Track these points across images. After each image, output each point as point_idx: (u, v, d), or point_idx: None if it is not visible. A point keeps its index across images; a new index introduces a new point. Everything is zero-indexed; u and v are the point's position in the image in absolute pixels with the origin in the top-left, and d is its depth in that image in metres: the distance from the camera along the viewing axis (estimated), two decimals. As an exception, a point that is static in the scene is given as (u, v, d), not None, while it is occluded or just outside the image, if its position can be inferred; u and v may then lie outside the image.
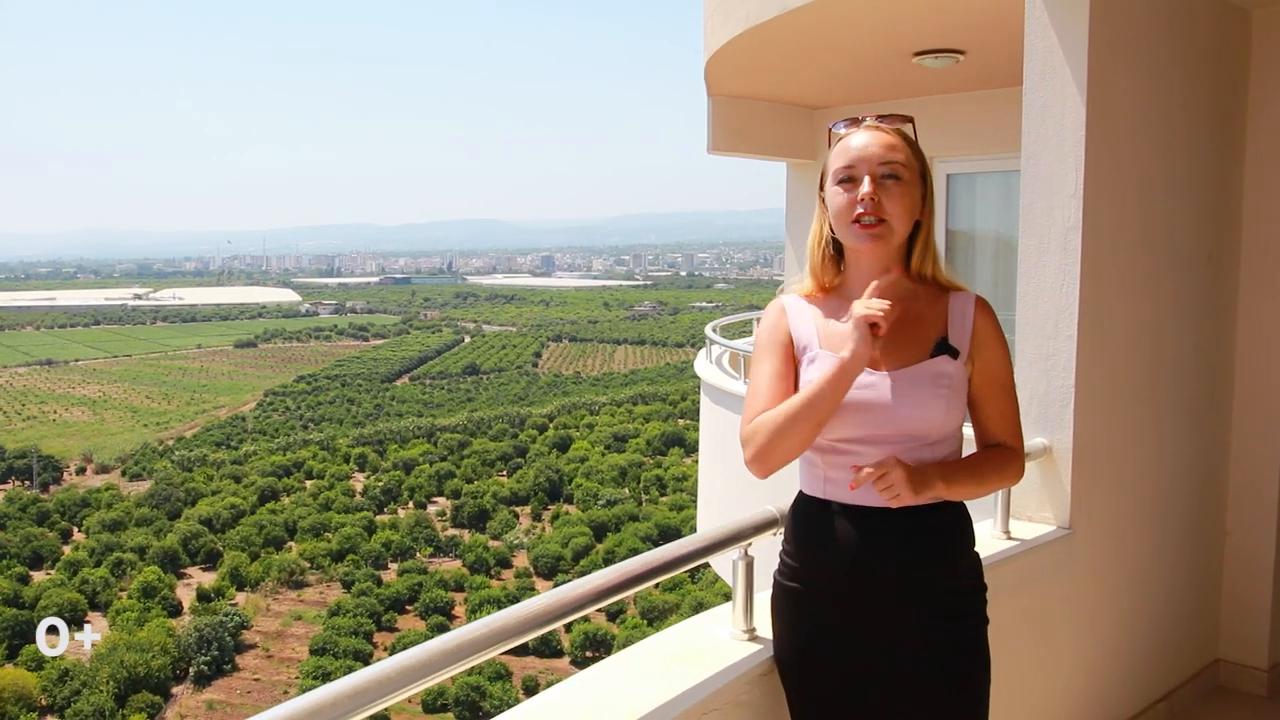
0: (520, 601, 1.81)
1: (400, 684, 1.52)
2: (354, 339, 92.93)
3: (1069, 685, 3.51)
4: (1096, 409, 3.42)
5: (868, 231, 2.01)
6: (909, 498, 1.93)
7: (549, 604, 1.85)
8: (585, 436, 58.81)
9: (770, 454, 2.00)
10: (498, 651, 1.74)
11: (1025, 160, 3.39)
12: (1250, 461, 4.30)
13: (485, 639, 1.72)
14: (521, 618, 1.77)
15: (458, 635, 1.63)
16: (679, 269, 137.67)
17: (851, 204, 2.02)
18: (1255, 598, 4.30)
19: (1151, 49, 3.63)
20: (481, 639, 1.72)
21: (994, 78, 7.21)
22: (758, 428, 2.01)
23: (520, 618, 1.77)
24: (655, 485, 50.58)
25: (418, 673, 1.55)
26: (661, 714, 2.04)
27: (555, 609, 1.84)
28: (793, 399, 1.98)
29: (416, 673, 1.55)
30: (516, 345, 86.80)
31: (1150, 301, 3.73)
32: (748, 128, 8.72)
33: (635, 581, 2.05)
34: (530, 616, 1.81)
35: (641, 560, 2.11)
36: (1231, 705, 4.17)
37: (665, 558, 2.15)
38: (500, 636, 1.71)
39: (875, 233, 2.01)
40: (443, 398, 70.94)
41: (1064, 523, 3.36)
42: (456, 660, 1.61)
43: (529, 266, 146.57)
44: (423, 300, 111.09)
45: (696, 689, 2.13)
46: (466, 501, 49.18)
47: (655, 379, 74.47)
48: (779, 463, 2.02)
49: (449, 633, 1.65)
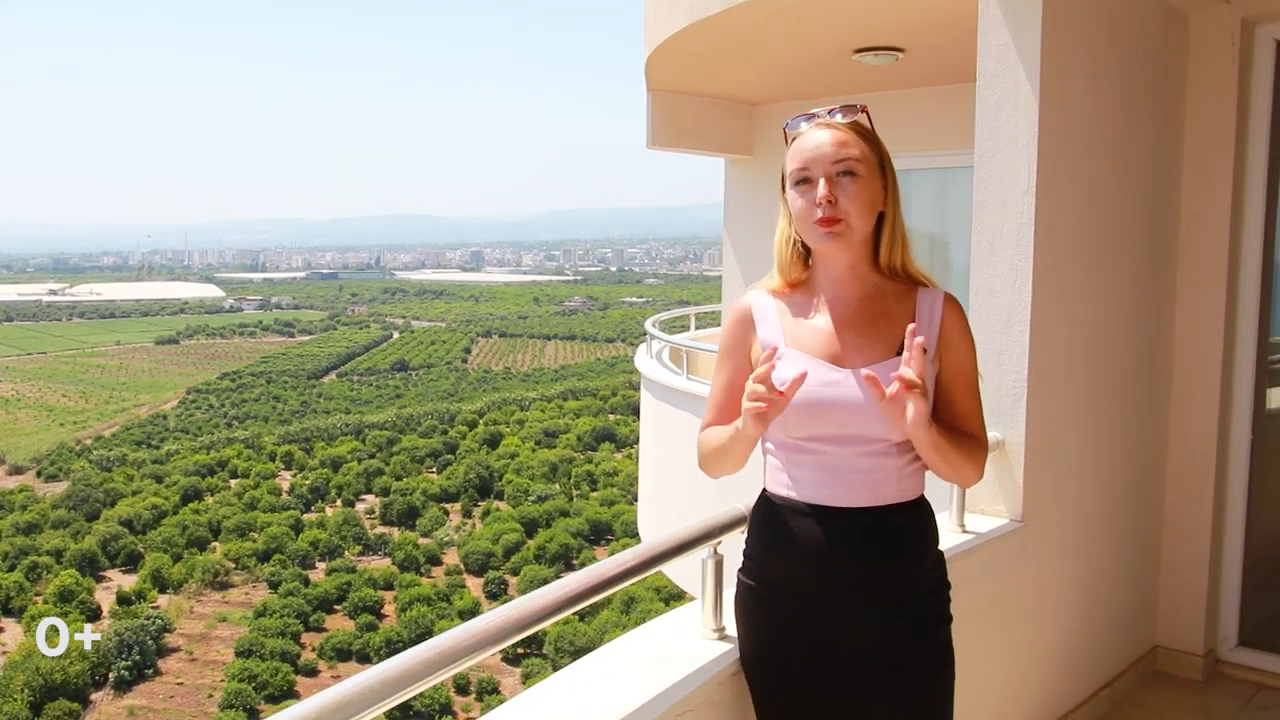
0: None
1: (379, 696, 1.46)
2: (280, 335, 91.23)
3: (1020, 677, 3.55)
4: (1047, 403, 3.46)
5: (827, 231, 1.99)
6: (910, 415, 1.87)
7: (523, 612, 1.80)
8: (516, 432, 58.48)
9: (710, 470, 2.14)
10: (469, 663, 1.69)
11: (978, 157, 3.41)
12: (1187, 453, 4.40)
13: (452, 652, 1.68)
14: (498, 624, 1.71)
15: (438, 643, 1.58)
16: (609, 264, 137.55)
17: (810, 206, 2.00)
18: (1192, 586, 4.40)
19: (1100, 49, 3.68)
20: (449, 651, 1.67)
21: (933, 76, 7.29)
22: (700, 445, 2.15)
23: (496, 625, 1.72)
24: (586, 481, 50.50)
25: (397, 684, 1.49)
26: (637, 718, 2.00)
27: (534, 614, 1.79)
28: (716, 435, 2.08)
29: (396, 685, 1.49)
30: (446, 341, 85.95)
31: (1096, 297, 3.79)
32: (687, 123, 8.72)
33: (611, 583, 2.02)
34: (501, 626, 1.76)
35: (617, 560, 2.08)
36: (1169, 690, 4.27)
37: (639, 558, 2.12)
38: (478, 644, 1.66)
39: (835, 231, 1.99)
40: (371, 394, 70.00)
41: (1016, 515, 3.40)
42: (438, 668, 1.56)
43: (458, 262, 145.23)
44: (350, 296, 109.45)
45: (670, 691, 2.10)
46: (396, 499, 48.60)
47: (586, 374, 74.30)
48: (721, 475, 2.14)
49: (421, 644, 1.60)
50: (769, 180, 9.26)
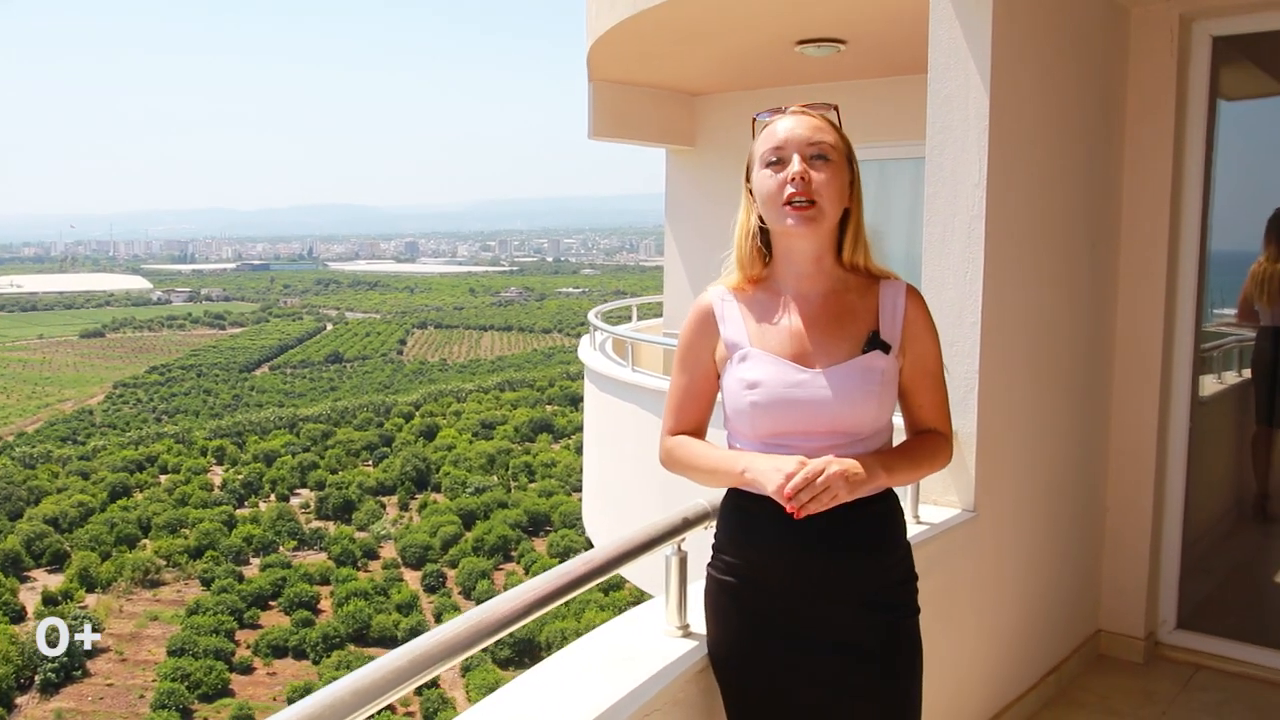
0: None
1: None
2: (210, 327, 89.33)
3: (970, 666, 3.59)
4: (998, 394, 3.50)
5: (799, 214, 1.98)
6: (846, 496, 1.91)
7: (494, 615, 1.77)
8: (452, 424, 57.99)
9: (678, 474, 2.15)
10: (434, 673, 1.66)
11: (930, 150, 3.43)
12: (1128, 440, 4.49)
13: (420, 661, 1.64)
14: (469, 629, 1.68)
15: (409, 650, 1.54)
16: (545, 255, 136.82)
17: (781, 185, 1.99)
18: (1133, 571, 4.50)
19: (1046, 44, 3.72)
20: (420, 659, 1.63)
21: (874, 68, 7.36)
22: (673, 456, 2.14)
23: (467, 630, 1.68)
24: (524, 472, 50.27)
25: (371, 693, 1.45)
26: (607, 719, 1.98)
27: (504, 617, 1.77)
28: (703, 458, 2.08)
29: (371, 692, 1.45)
30: (381, 332, 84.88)
31: (1044, 289, 3.85)
32: (628, 113, 8.70)
33: (580, 582, 2.00)
34: (474, 630, 1.73)
35: (584, 559, 2.06)
36: (1112, 673, 4.36)
37: (607, 556, 2.11)
38: (448, 651, 1.62)
39: (807, 214, 1.99)
40: (305, 387, 68.91)
41: (969, 505, 3.43)
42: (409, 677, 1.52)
43: (393, 252, 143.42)
44: (282, 287, 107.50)
45: (637, 692, 2.08)
46: (331, 493, 47.94)
47: (522, 365, 73.90)
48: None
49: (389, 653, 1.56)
50: (710, 170, 9.31)
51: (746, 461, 1.99)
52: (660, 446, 2.17)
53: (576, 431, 55.01)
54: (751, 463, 1.98)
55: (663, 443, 2.17)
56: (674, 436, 2.15)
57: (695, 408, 2.16)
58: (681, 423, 2.15)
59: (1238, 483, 5.28)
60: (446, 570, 41.30)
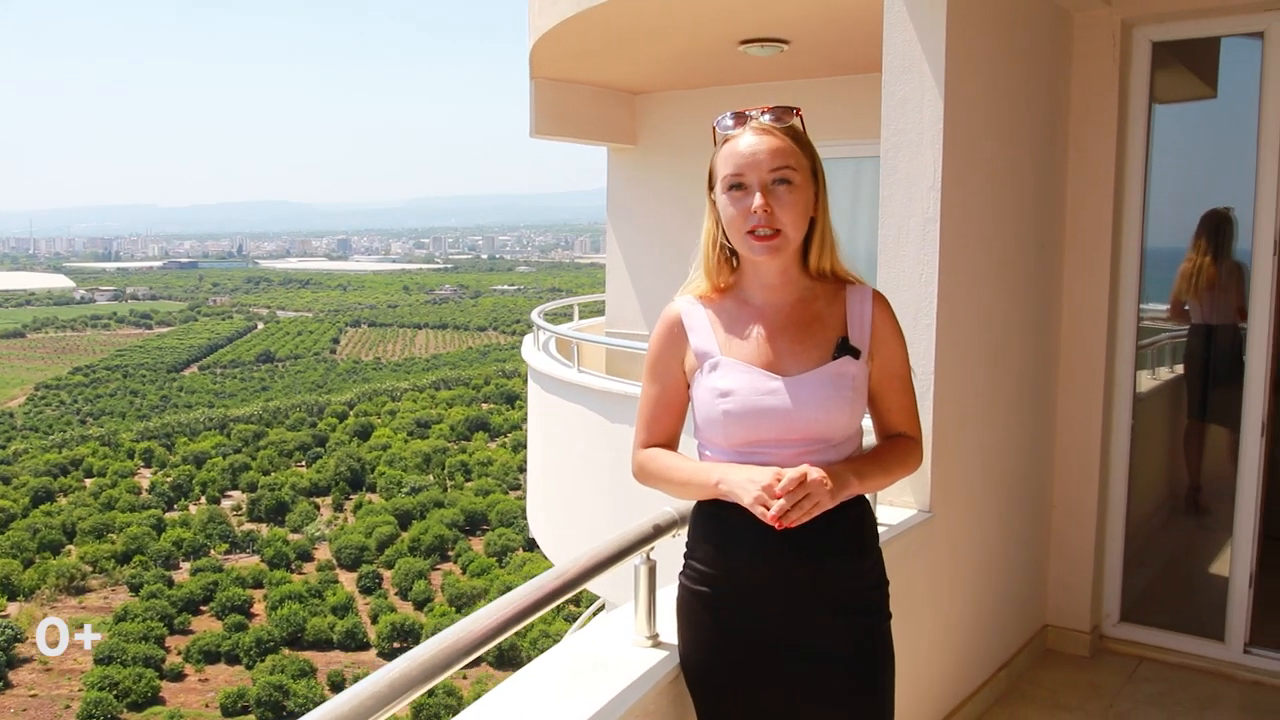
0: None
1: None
2: (136, 327, 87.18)
3: (928, 664, 3.62)
4: (953, 396, 3.53)
5: (763, 244, 1.98)
6: (828, 504, 1.91)
7: (464, 637, 1.73)
8: (387, 423, 57.36)
9: (650, 486, 2.15)
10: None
11: (885, 152, 3.45)
12: (1073, 438, 4.57)
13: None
14: (448, 648, 1.64)
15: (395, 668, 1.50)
16: (480, 252, 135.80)
17: (744, 214, 1.98)
18: (1078, 566, 4.59)
19: (997, 47, 3.77)
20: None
21: (818, 68, 7.40)
22: (646, 470, 2.13)
23: (445, 649, 1.64)
24: (460, 471, 49.93)
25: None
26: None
27: (477, 638, 1.73)
28: (676, 470, 2.08)
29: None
30: (313, 331, 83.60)
31: (995, 290, 3.90)
32: (570, 112, 8.65)
33: (552, 596, 1.98)
34: (448, 652, 1.69)
35: (556, 573, 2.04)
36: (1059, 667, 4.44)
37: (580, 568, 2.09)
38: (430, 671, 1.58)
39: (772, 245, 1.98)
40: (235, 387, 67.63)
41: (925, 506, 3.46)
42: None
43: (325, 250, 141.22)
44: (211, 285, 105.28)
45: (610, 707, 2.05)
46: (264, 494, 47.15)
47: (458, 363, 73.31)
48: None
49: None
50: (652, 169, 9.29)
51: (720, 474, 1.98)
52: (632, 460, 2.16)
53: (513, 429, 54.76)
54: (726, 475, 1.97)
55: (635, 456, 2.15)
56: (646, 450, 2.14)
57: (667, 419, 2.15)
58: (654, 435, 2.14)
59: (1171, 477, 5.39)
60: (383, 571, 40.85)
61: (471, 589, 38.19)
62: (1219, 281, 5.05)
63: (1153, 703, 4.12)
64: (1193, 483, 5.43)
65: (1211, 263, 5.05)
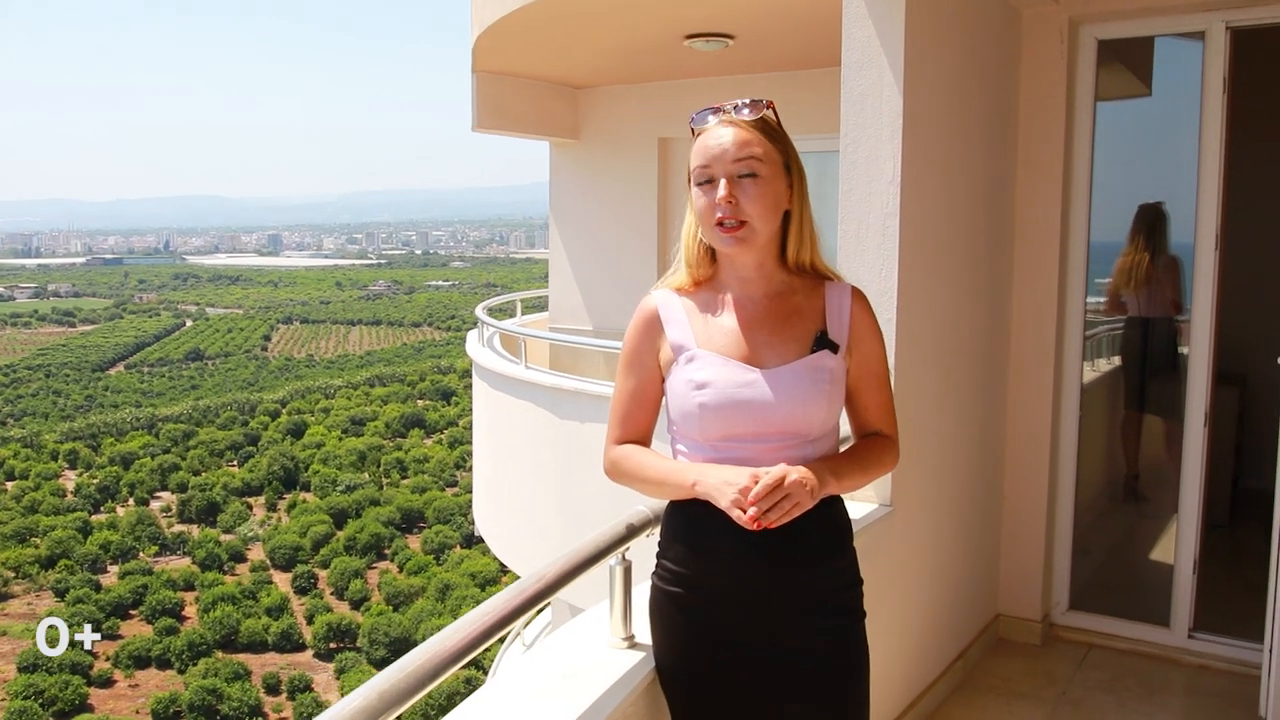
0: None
1: None
2: (58, 325, 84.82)
3: (888, 658, 3.63)
4: (912, 389, 3.55)
5: (730, 235, 1.97)
6: (808, 504, 1.90)
7: (450, 645, 1.69)
8: (321, 421, 56.54)
9: (622, 484, 2.11)
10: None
11: (844, 146, 3.46)
12: (1024, 430, 4.64)
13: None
14: (432, 658, 1.60)
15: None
16: (414, 247, 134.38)
17: (712, 206, 1.98)
18: (1029, 555, 4.66)
19: (952, 43, 3.80)
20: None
21: (763, 63, 7.42)
22: (620, 468, 2.09)
23: (431, 659, 1.60)
24: (396, 468, 49.43)
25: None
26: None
27: (456, 648, 1.69)
28: (651, 469, 2.04)
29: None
30: (244, 328, 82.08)
31: (951, 284, 3.93)
32: (512, 106, 8.58)
33: (535, 600, 1.93)
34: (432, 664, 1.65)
35: (535, 577, 2.01)
36: (1012, 655, 4.51)
37: (559, 571, 2.06)
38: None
39: (738, 235, 1.97)
40: (164, 386, 66.20)
41: (885, 500, 3.48)
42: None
43: (254, 245, 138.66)
44: (137, 282, 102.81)
45: (593, 710, 2.02)
46: (194, 495, 46.20)
47: (393, 360, 72.51)
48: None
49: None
50: (595, 164, 9.24)
51: (696, 474, 1.96)
52: (605, 457, 2.11)
53: (449, 426, 54.32)
54: (702, 476, 1.95)
55: (608, 453, 2.11)
56: (620, 446, 2.11)
57: (641, 413, 2.11)
58: (628, 430, 2.11)
59: (1110, 467, 5.50)
60: (318, 571, 40.30)
61: (409, 587, 37.85)
62: (1155, 275, 5.17)
63: (1104, 689, 4.20)
64: (1131, 471, 5.55)
65: (1148, 257, 5.16)
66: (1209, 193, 4.33)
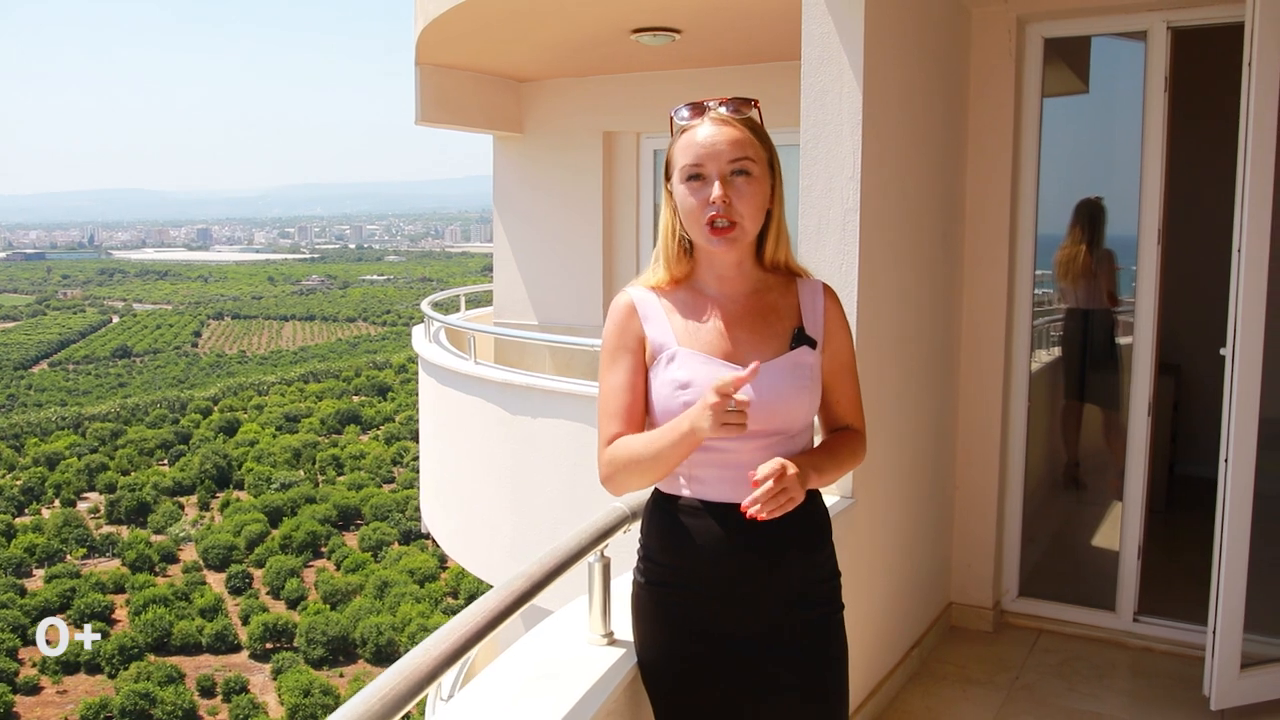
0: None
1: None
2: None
3: (850, 649, 3.69)
4: (872, 382, 3.59)
5: (721, 236, 1.97)
6: (800, 498, 1.92)
7: (430, 655, 1.67)
8: (254, 418, 55.66)
9: (626, 487, 2.04)
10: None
11: (805, 142, 3.49)
12: (975, 421, 4.73)
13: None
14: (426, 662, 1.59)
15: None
16: (347, 241, 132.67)
17: (702, 205, 1.97)
18: (980, 543, 4.75)
19: (908, 40, 3.85)
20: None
21: (709, 57, 7.44)
22: (613, 464, 2.00)
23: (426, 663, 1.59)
24: (332, 465, 48.83)
25: None
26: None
27: (444, 654, 1.67)
28: (644, 444, 1.96)
29: None
30: (173, 324, 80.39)
31: (908, 279, 3.99)
32: (456, 99, 8.51)
33: (523, 599, 1.93)
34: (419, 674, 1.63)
35: (523, 576, 2.01)
36: (965, 643, 4.59)
37: (545, 570, 2.05)
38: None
39: (730, 236, 1.98)
40: (90, 384, 64.62)
41: (847, 492, 3.52)
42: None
43: (183, 240, 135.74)
44: (60, 278, 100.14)
45: (577, 710, 2.02)
46: (123, 495, 45.17)
47: (327, 355, 71.56)
48: (636, 489, 2.08)
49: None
50: (539, 158, 9.20)
51: (689, 421, 1.88)
52: (599, 461, 2.03)
53: (386, 422, 53.76)
54: (690, 416, 1.89)
55: (602, 455, 2.02)
56: (611, 445, 2.02)
57: (635, 404, 2.04)
58: (625, 422, 2.02)
59: (1052, 455, 5.62)
60: (253, 570, 39.68)
61: (347, 585, 37.44)
62: (1092, 268, 5.30)
63: (1054, 673, 4.30)
64: (1071, 459, 5.69)
65: (1086, 250, 5.30)
66: (1152, 188, 4.45)
